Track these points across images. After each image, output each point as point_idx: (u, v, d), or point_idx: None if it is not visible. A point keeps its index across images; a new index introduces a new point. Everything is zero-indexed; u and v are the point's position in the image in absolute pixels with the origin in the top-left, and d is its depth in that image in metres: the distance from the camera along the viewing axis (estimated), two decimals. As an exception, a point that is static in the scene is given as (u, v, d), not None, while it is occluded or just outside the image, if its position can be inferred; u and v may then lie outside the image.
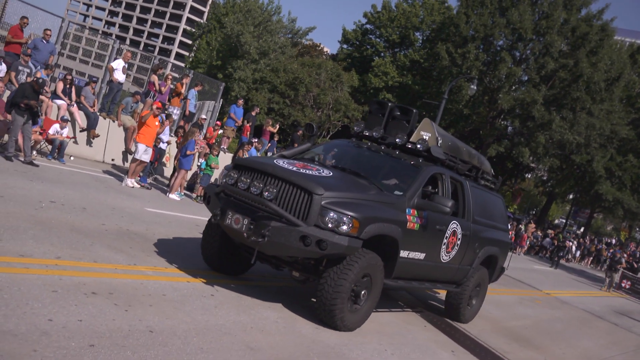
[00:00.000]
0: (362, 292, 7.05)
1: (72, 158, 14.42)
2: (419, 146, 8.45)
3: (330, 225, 6.55)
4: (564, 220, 66.06)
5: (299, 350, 6.01)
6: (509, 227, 11.88)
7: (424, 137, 8.70)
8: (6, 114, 12.41)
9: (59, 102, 14.65)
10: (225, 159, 17.95)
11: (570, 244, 40.25)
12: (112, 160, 15.96)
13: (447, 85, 34.99)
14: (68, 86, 14.95)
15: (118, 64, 16.35)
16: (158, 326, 5.43)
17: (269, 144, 22.47)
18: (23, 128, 11.89)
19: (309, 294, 8.34)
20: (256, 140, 19.18)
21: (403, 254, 7.59)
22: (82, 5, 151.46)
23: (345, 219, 6.58)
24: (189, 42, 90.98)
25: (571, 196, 54.50)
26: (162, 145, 15.53)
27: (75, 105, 15.01)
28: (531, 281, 20.09)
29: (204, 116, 18.50)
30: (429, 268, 8.39)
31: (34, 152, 12.86)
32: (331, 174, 7.39)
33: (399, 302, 10.02)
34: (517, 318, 12.30)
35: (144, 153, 13.38)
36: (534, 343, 10.36)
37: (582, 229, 64.81)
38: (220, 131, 20.08)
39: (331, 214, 6.56)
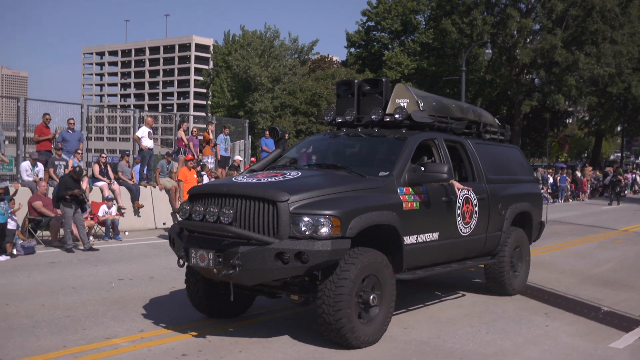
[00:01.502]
0: (371, 297, 6.06)
1: (126, 233, 14.78)
2: (397, 116, 7.50)
3: (307, 232, 5.69)
4: (619, 154, 64.20)
5: (393, 356, 5.97)
6: (536, 176, 10.77)
7: (402, 104, 7.63)
8: (56, 210, 12.81)
9: (100, 183, 15.06)
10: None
11: (633, 175, 39.05)
12: (164, 224, 16.27)
13: (463, 57, 34.59)
14: (103, 166, 15.37)
15: (143, 132, 16.73)
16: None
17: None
18: (74, 218, 12.25)
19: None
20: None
21: (409, 240, 6.66)
22: (95, 87, 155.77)
23: (322, 220, 5.72)
24: (203, 90, 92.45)
25: (619, 128, 53.04)
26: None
27: (115, 182, 15.41)
28: (605, 223, 19.54)
29: (238, 157, 18.73)
30: (449, 247, 7.42)
31: (91, 238, 13.20)
32: (299, 174, 6.64)
33: (458, 290, 9.85)
34: (601, 263, 11.95)
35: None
36: (627, 283, 10.02)
37: (640, 158, 62.94)
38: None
39: (305, 219, 5.70)
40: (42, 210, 13.07)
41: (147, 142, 16.68)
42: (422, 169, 6.95)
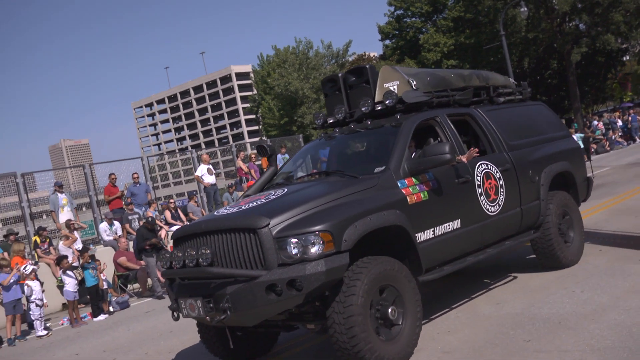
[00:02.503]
0: (390, 310, 5.39)
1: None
2: (387, 102, 6.76)
3: (297, 255, 5.04)
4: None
5: (490, 333, 5.90)
6: (569, 130, 9.30)
7: (391, 88, 6.94)
8: (139, 262, 13.33)
9: (174, 227, 15.54)
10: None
11: None
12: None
13: (499, 22, 33.85)
14: (174, 211, 15.87)
15: (202, 170, 17.19)
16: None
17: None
18: (158, 266, 12.70)
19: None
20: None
21: (424, 236, 5.97)
22: (151, 138, 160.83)
23: (310, 238, 5.06)
24: (253, 115, 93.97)
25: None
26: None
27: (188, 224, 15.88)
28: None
29: (300, 173, 18.93)
30: (477, 232, 6.62)
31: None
32: (285, 190, 6.06)
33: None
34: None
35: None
36: None
37: None
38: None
39: (292, 241, 5.06)
40: (127, 264, 13.63)
41: (209, 179, 17.12)
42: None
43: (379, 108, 6.89)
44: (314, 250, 5.06)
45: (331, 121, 7.44)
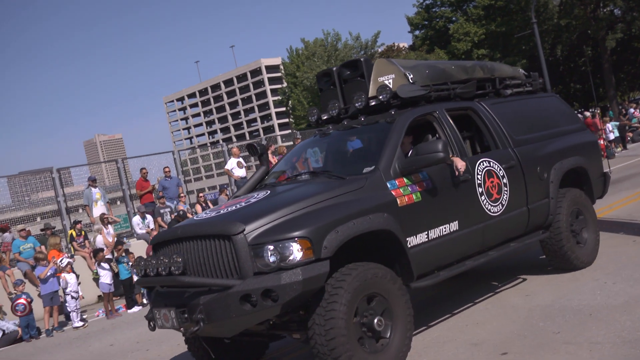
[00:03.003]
0: (377, 321, 5.04)
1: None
2: (381, 97, 6.36)
3: (274, 263, 4.74)
4: None
5: (519, 325, 5.87)
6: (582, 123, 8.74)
7: (386, 82, 6.53)
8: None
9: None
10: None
11: None
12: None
13: (531, 9, 33.28)
14: (205, 204, 16.06)
15: (231, 164, 17.34)
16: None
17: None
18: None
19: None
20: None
21: (416, 240, 5.61)
22: (182, 132, 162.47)
23: (288, 245, 4.75)
24: (283, 108, 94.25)
25: None
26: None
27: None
28: None
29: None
30: (477, 234, 6.24)
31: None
32: (268, 193, 5.79)
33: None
34: None
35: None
36: None
37: None
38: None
39: (268, 248, 4.76)
40: (160, 257, 13.85)
41: (239, 172, 17.26)
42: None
43: (373, 103, 6.50)
44: (292, 257, 4.74)
45: (325, 118, 7.07)
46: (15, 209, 20.91)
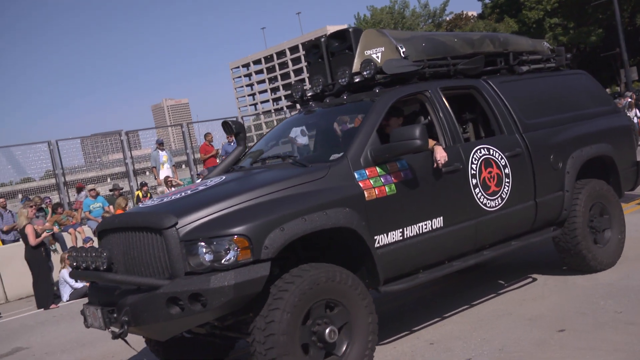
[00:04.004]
0: (328, 331, 4.39)
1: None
2: (365, 73, 5.56)
3: (208, 262, 4.18)
4: None
5: (579, 302, 5.75)
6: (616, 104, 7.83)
7: (373, 55, 5.73)
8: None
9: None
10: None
11: None
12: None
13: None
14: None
15: (294, 132, 17.42)
16: None
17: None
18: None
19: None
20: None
21: (388, 238, 4.92)
22: (247, 98, 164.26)
23: (223, 242, 4.16)
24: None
25: None
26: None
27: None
28: None
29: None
30: (468, 231, 5.50)
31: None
32: (222, 179, 5.21)
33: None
34: None
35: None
36: None
37: None
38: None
39: (201, 244, 4.19)
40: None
41: (301, 140, 17.33)
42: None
43: (357, 80, 5.72)
44: (228, 257, 4.17)
45: (310, 94, 6.32)
46: (87, 170, 21.83)
